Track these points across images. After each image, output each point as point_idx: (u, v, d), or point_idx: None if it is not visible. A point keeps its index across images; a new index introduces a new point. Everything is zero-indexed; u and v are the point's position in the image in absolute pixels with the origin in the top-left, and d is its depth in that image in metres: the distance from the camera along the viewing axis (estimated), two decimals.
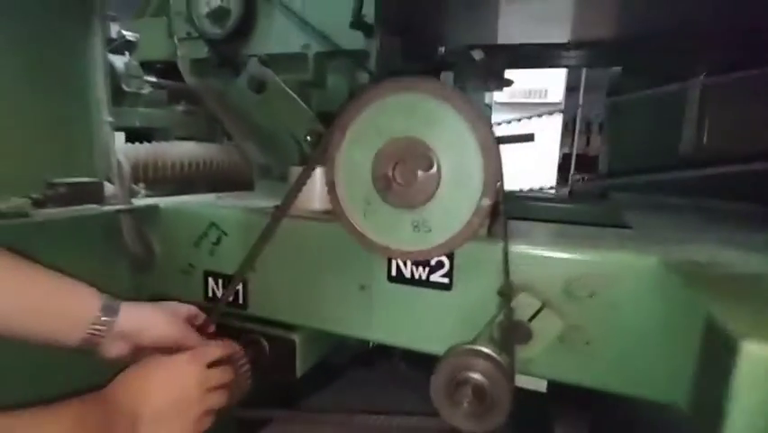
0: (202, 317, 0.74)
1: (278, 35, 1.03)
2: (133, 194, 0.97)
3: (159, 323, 0.63)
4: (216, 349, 0.66)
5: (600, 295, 0.59)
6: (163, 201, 0.90)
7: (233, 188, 1.16)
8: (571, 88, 3.47)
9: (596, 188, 1.30)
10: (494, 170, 0.55)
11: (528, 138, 1.71)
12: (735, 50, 1.21)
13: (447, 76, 1.58)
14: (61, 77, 0.78)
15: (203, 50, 1.10)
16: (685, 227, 0.92)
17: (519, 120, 2.77)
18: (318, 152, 0.66)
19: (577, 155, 3.62)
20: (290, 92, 0.97)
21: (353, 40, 0.96)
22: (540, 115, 3.00)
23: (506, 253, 0.59)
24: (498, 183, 0.58)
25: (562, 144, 3.69)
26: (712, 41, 1.10)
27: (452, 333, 0.67)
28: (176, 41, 1.13)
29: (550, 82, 3.36)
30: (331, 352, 0.88)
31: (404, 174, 0.58)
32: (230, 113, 1.13)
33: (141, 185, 1.05)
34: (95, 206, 0.78)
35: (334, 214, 0.64)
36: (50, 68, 0.76)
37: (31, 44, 0.74)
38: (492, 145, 0.55)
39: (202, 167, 1.17)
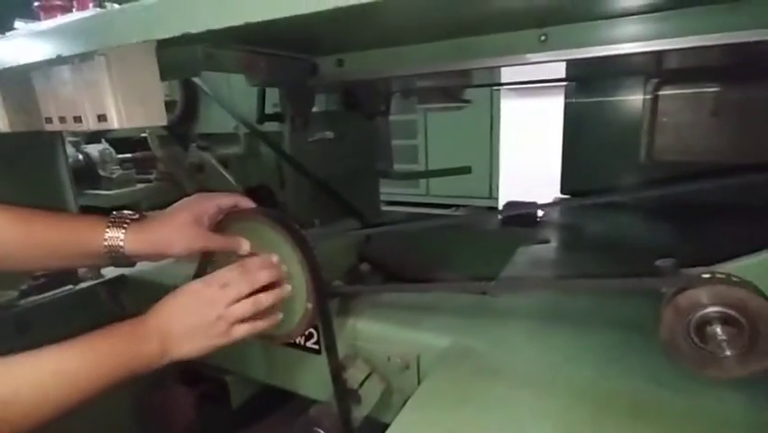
0: (245, 202, 0.76)
1: (215, 118, 1.22)
2: None
3: (174, 242, 0.68)
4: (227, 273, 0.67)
5: (412, 368, 0.75)
6: (130, 270, 1.15)
7: None
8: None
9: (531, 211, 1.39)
10: (314, 280, 0.72)
11: (464, 170, 1.80)
12: None
13: (411, 101, 1.71)
14: (36, 188, 1.02)
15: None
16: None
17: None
18: None
19: None
20: (223, 171, 1.16)
21: (269, 123, 1.13)
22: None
23: (328, 334, 0.76)
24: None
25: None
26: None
27: (327, 386, 0.87)
28: None
29: None
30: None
31: None
32: (191, 178, 1.35)
33: None
34: (71, 286, 1.03)
35: None
36: (26, 181, 1.01)
37: (14, 170, 0.99)
38: (309, 261, 0.72)
39: None
